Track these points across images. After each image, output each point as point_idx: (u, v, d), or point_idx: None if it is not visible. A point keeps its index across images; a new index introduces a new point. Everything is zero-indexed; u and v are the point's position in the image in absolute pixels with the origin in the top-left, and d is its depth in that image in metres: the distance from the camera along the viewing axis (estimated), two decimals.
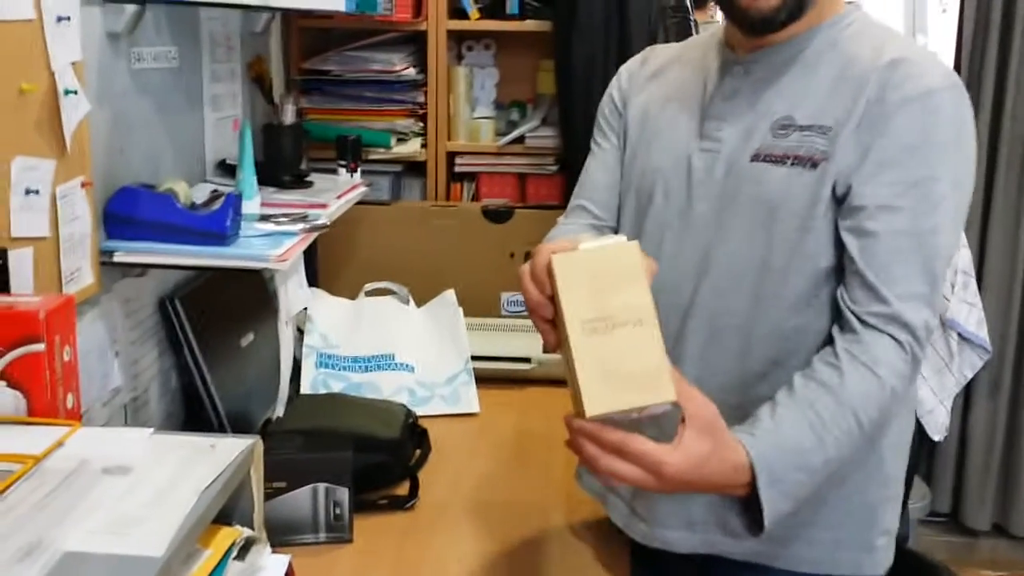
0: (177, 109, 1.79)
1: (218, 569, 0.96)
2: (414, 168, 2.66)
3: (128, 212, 1.50)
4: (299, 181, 2.04)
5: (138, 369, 1.63)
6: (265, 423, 1.75)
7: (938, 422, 3.12)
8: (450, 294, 2.29)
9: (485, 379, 2.17)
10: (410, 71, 2.53)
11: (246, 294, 1.86)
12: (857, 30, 1.34)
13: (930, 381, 3.08)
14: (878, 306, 1.23)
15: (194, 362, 1.67)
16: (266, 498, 1.46)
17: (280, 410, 1.74)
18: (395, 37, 2.60)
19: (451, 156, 2.65)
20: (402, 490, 1.70)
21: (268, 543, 1.08)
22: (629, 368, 1.07)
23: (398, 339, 2.18)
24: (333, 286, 2.39)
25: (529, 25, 2.58)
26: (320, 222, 1.70)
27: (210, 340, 1.72)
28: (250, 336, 1.87)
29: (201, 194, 1.66)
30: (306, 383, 2.06)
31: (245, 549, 1.03)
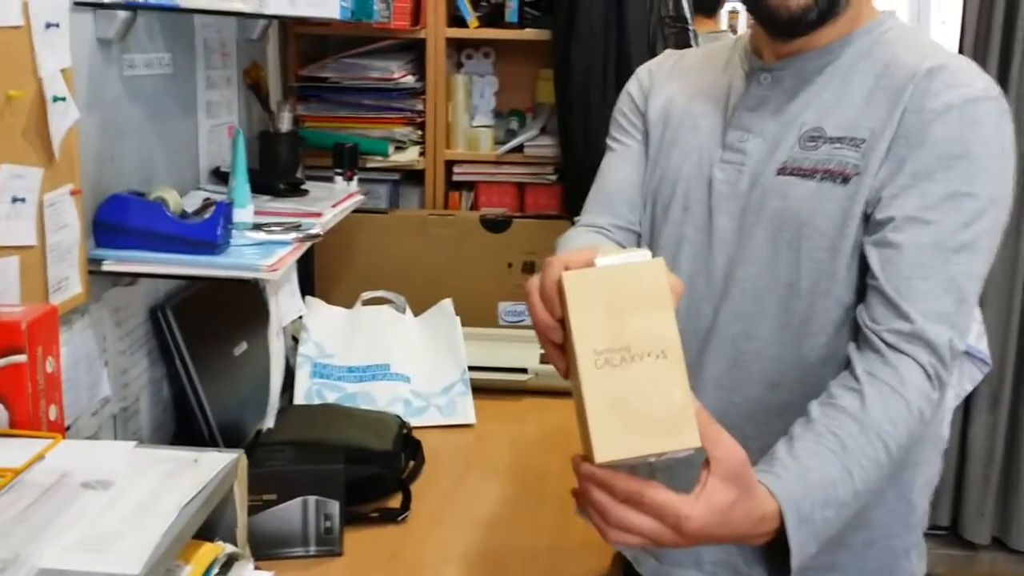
0: (170, 116, 1.78)
1: None
2: (412, 176, 2.64)
3: (118, 220, 1.49)
4: (294, 189, 2.02)
5: (128, 379, 1.62)
6: (256, 434, 1.73)
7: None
8: (447, 303, 2.27)
9: (482, 390, 2.16)
10: (408, 79, 2.52)
11: (239, 303, 1.85)
12: (893, 38, 1.25)
13: None
14: (899, 323, 1.13)
15: (185, 372, 1.66)
16: (255, 510, 1.46)
17: (271, 421, 1.73)
18: (393, 44, 2.59)
19: (449, 165, 2.64)
20: (394, 502, 1.68)
21: (252, 559, 1.07)
22: (648, 408, 0.93)
23: (394, 349, 2.16)
24: (329, 295, 2.38)
25: (528, 34, 2.57)
26: (313, 231, 1.68)
27: (202, 350, 1.70)
28: (243, 345, 1.85)
29: (193, 202, 1.65)
30: (300, 393, 2.05)
31: (227, 566, 1.02)
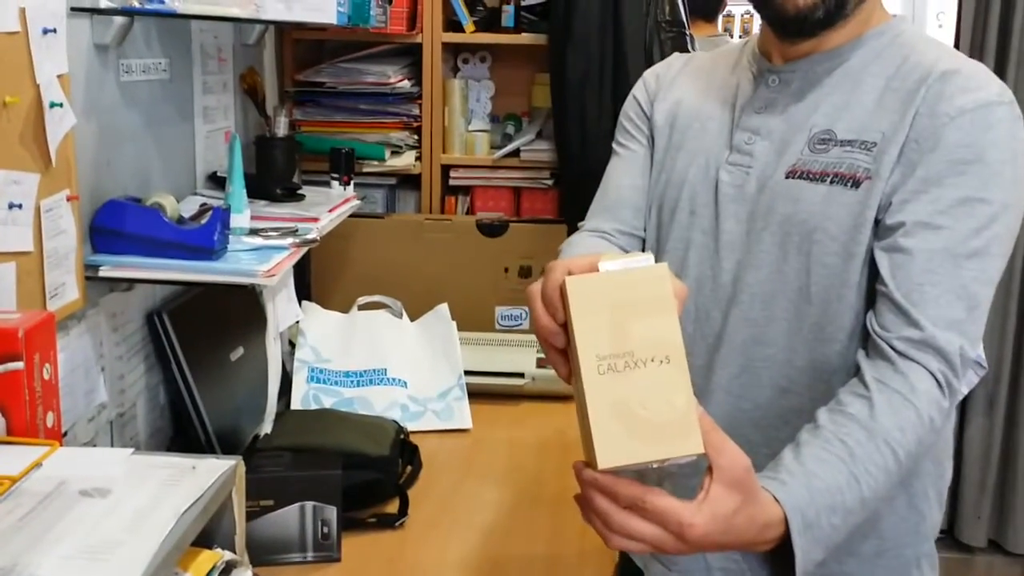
0: (167, 121, 1.77)
1: None
2: (408, 181, 2.64)
3: (114, 226, 1.49)
4: (291, 194, 2.02)
5: (124, 385, 1.61)
6: (253, 440, 1.73)
7: None
8: (444, 308, 2.27)
9: (478, 394, 2.16)
10: (405, 83, 2.52)
11: (236, 308, 1.84)
12: (906, 41, 1.24)
13: None
14: (909, 330, 1.11)
15: (182, 377, 1.65)
16: (253, 516, 1.46)
17: (268, 427, 1.72)
18: (390, 49, 2.59)
19: (446, 169, 2.64)
20: (392, 508, 1.68)
21: (250, 566, 1.07)
22: (651, 414, 0.92)
23: (391, 354, 2.16)
24: (326, 299, 2.37)
25: (525, 38, 2.57)
26: (310, 236, 1.68)
27: (198, 355, 1.70)
28: (240, 350, 1.85)
29: (190, 207, 1.65)
30: (297, 398, 2.04)
31: (226, 573, 1.02)
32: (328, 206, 1.98)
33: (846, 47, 1.24)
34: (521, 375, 2.21)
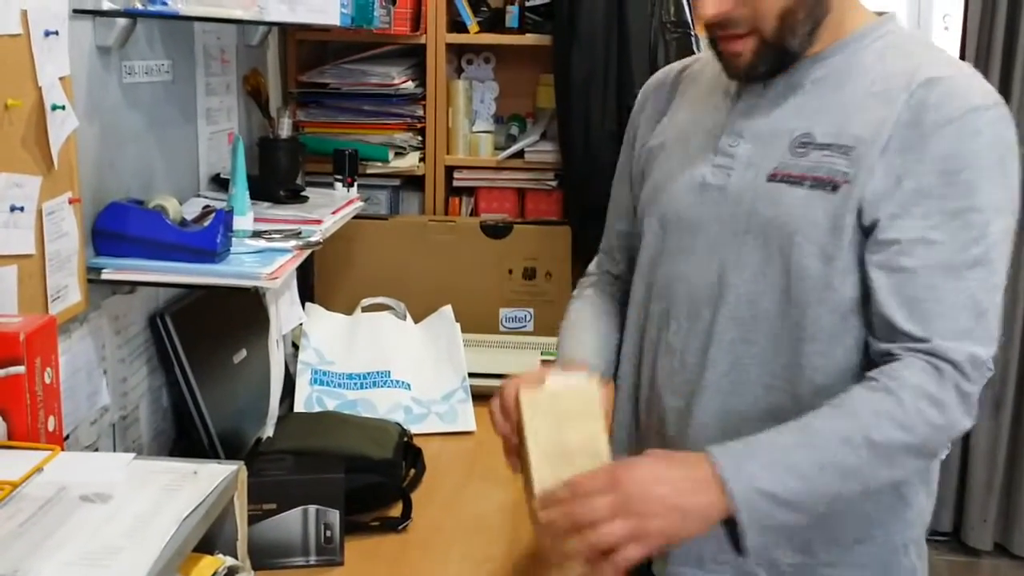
0: (170, 123, 1.77)
1: None
2: (412, 182, 2.64)
3: (117, 228, 1.48)
4: (294, 196, 2.02)
5: (127, 387, 1.61)
6: (256, 442, 1.72)
7: None
8: (447, 310, 2.26)
9: (482, 396, 2.14)
10: (409, 84, 2.52)
11: (239, 310, 1.84)
12: (889, 44, 1.25)
13: None
14: (914, 343, 1.13)
15: (184, 380, 1.65)
16: (255, 520, 1.46)
17: (270, 430, 1.72)
18: (394, 50, 2.58)
19: (449, 170, 2.63)
20: (395, 511, 1.67)
21: (252, 572, 1.06)
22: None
23: (394, 356, 2.15)
24: (329, 301, 2.37)
25: (529, 39, 2.57)
26: (313, 239, 1.68)
27: (201, 357, 1.70)
28: (243, 353, 1.84)
29: (193, 209, 1.64)
30: (300, 400, 2.04)
31: None
32: (331, 208, 1.97)
33: (828, 51, 1.25)
34: None
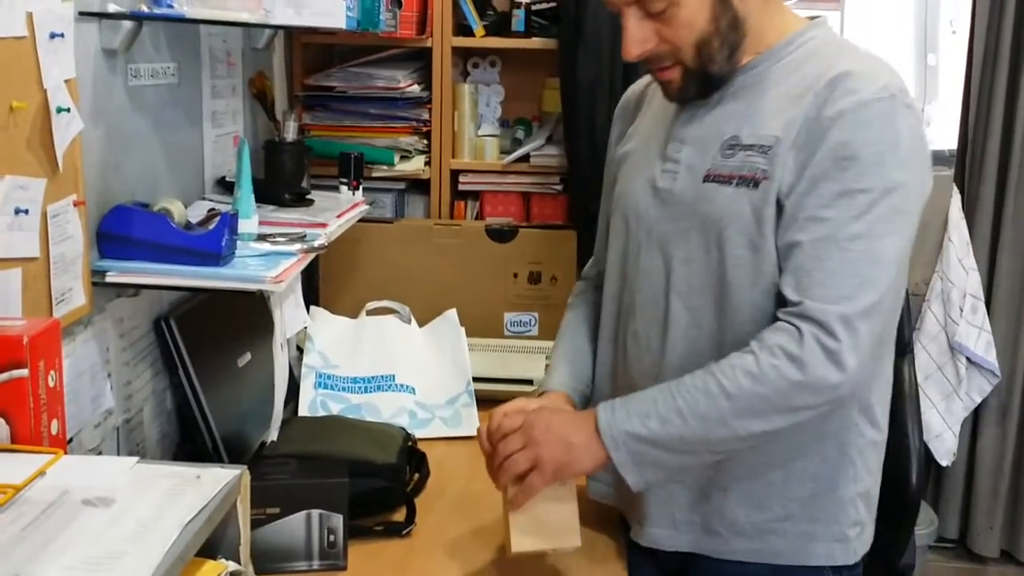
0: (175, 126, 1.77)
1: None
2: (417, 186, 2.63)
3: (122, 231, 1.48)
4: (300, 199, 2.01)
5: (131, 390, 1.61)
6: (260, 446, 1.72)
7: (946, 447, 3.09)
8: (452, 314, 2.26)
9: (487, 401, 2.14)
10: (414, 88, 2.51)
11: (244, 313, 1.83)
12: (810, 49, 1.39)
13: (938, 406, 3.05)
14: (790, 307, 1.30)
15: (188, 383, 1.64)
16: (259, 524, 1.45)
17: (274, 433, 1.71)
18: (400, 53, 2.58)
19: (455, 174, 2.63)
20: (399, 516, 1.67)
21: None
22: (550, 520, 1.40)
23: (399, 359, 2.15)
24: (334, 304, 2.37)
25: (535, 43, 2.56)
26: (318, 243, 1.67)
27: (205, 361, 1.69)
28: (247, 356, 1.84)
29: (198, 212, 1.64)
30: (304, 404, 2.03)
31: None
32: (337, 211, 1.97)
33: (756, 60, 1.41)
34: (530, 382, 2.20)
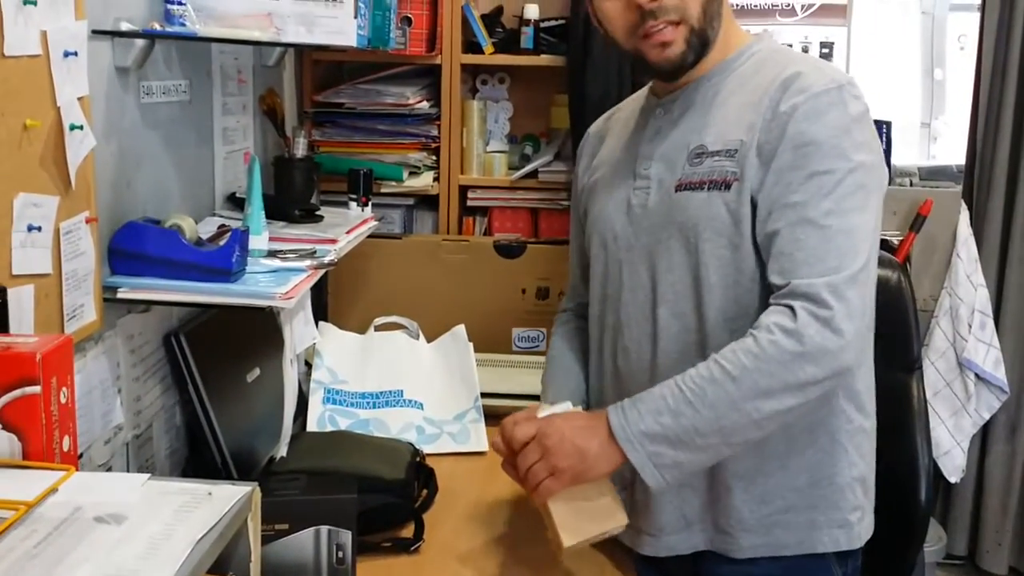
0: (187, 143, 1.78)
1: None
2: (426, 202, 2.64)
3: (133, 248, 1.49)
4: (309, 215, 2.02)
5: (141, 406, 1.61)
6: (268, 462, 1.72)
7: (955, 463, 3.08)
8: (460, 329, 2.26)
9: (495, 417, 2.13)
10: (423, 104, 2.52)
11: (253, 329, 1.84)
12: (760, 59, 1.48)
13: (947, 422, 3.04)
14: (779, 291, 1.34)
15: (198, 399, 1.65)
16: (267, 540, 1.45)
17: (284, 449, 1.72)
18: (409, 70, 2.59)
19: (463, 190, 2.64)
20: (407, 532, 1.66)
21: None
22: (592, 506, 1.42)
23: (407, 375, 2.15)
24: (342, 320, 2.37)
25: (543, 60, 2.58)
26: (328, 259, 1.68)
27: (215, 376, 1.70)
28: (256, 372, 1.84)
29: (208, 228, 1.65)
30: (313, 419, 2.04)
31: None
32: (346, 227, 1.98)
33: (712, 72, 1.48)
34: (538, 397, 2.19)
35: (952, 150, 3.45)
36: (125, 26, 1.48)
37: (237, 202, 1.92)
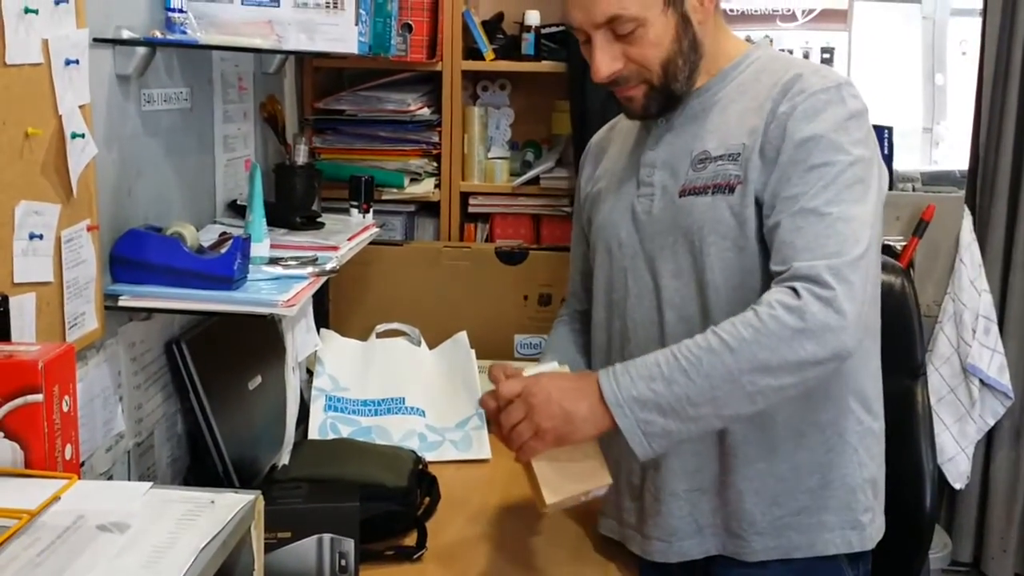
0: (188, 150, 1.78)
1: None
2: (427, 208, 2.64)
3: (134, 255, 1.49)
4: (310, 222, 2.02)
5: (142, 414, 1.61)
6: (271, 469, 1.72)
7: (959, 470, 3.07)
8: (462, 336, 2.26)
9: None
10: (424, 111, 2.52)
11: (255, 336, 1.83)
12: (759, 67, 1.51)
13: (951, 428, 3.04)
14: (781, 275, 1.35)
15: (199, 406, 1.64)
16: (270, 548, 1.45)
17: (286, 457, 1.71)
18: (410, 77, 2.59)
19: (465, 196, 2.64)
20: (410, 540, 1.66)
21: None
22: (575, 466, 1.41)
23: (409, 382, 2.15)
24: (344, 327, 2.37)
25: (544, 66, 2.58)
26: (330, 266, 1.67)
27: (216, 384, 1.69)
28: (258, 379, 1.84)
29: (209, 236, 1.65)
30: (314, 427, 2.03)
31: None
32: (347, 234, 1.98)
33: (711, 82, 1.51)
34: None
35: (954, 155, 3.44)
36: (126, 34, 1.48)
37: (238, 209, 1.92)
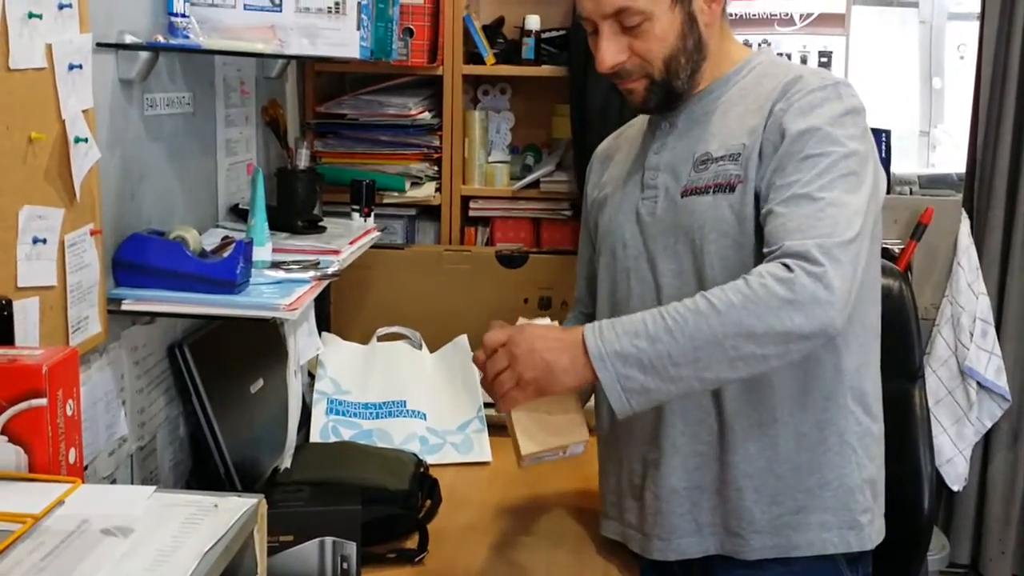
0: (190, 154, 1.78)
1: None
2: (428, 212, 2.65)
3: (137, 260, 1.49)
4: (312, 226, 2.02)
5: (145, 417, 1.62)
6: (273, 473, 1.72)
7: (957, 472, 3.08)
8: (463, 339, 2.26)
9: (498, 427, 2.13)
10: (425, 115, 2.53)
11: (257, 340, 1.84)
12: (761, 72, 1.54)
13: (949, 431, 3.05)
14: (771, 254, 1.35)
15: (202, 410, 1.65)
16: (272, 552, 1.45)
17: (288, 461, 1.72)
18: (411, 81, 2.60)
19: (465, 200, 2.64)
20: (411, 542, 1.67)
21: None
22: (554, 419, 1.43)
23: (410, 385, 2.15)
24: (345, 330, 2.37)
25: (545, 70, 2.58)
26: (331, 270, 1.68)
27: (219, 387, 1.70)
28: (260, 383, 1.85)
29: (212, 240, 1.65)
30: (316, 430, 2.04)
31: None
32: (349, 238, 1.98)
33: (714, 85, 1.55)
34: None
35: (951, 158, 3.45)
36: (129, 39, 1.48)
37: (240, 213, 1.93)
